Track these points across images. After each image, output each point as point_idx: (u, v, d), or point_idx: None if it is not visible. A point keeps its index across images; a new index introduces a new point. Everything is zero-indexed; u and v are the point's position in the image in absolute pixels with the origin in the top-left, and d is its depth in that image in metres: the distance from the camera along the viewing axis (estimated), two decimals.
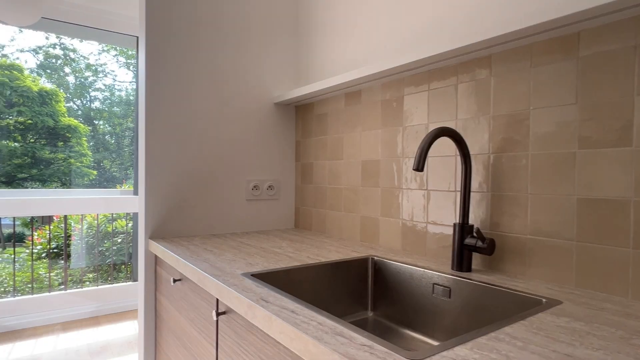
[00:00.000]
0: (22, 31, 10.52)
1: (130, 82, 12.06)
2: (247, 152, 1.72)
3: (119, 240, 4.26)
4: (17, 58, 9.75)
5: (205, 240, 1.48)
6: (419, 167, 0.93)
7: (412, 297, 1.09)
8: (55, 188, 9.34)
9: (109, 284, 3.37)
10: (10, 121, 8.51)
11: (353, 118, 1.53)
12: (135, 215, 3.40)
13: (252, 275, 0.99)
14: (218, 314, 0.95)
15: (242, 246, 1.37)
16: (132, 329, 2.89)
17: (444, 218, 1.19)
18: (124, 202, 3.23)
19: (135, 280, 3.42)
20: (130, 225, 4.08)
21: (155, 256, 1.50)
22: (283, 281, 1.04)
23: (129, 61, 11.92)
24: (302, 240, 1.51)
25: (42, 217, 5.07)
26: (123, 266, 4.32)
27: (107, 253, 4.20)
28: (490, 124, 1.07)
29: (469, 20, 1.14)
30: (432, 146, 1.22)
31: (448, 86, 1.18)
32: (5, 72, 7.86)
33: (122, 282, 3.54)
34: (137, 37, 3.26)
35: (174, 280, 1.24)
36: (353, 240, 1.52)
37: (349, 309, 1.17)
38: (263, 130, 1.76)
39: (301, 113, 1.82)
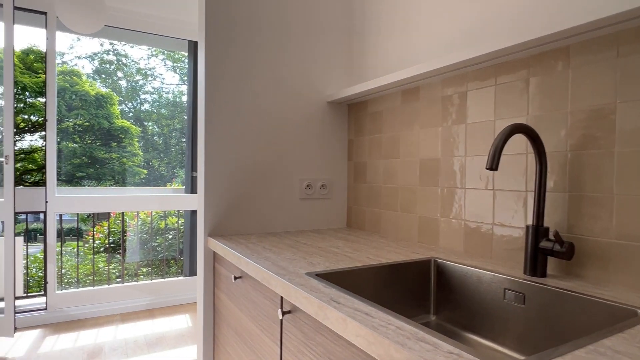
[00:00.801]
0: (79, 39, 11.23)
1: (177, 84, 12.56)
2: (301, 151, 1.72)
3: (170, 237, 4.44)
4: (75, 65, 10.42)
5: (262, 238, 1.50)
6: (493, 165, 0.88)
7: (480, 302, 1.04)
8: (109, 186, 9.91)
9: (162, 278, 3.52)
10: (70, 123, 9.11)
11: (410, 115, 1.49)
12: (187, 212, 3.53)
13: (316, 275, 0.98)
14: (284, 313, 0.95)
15: (299, 245, 1.37)
16: (184, 322, 3.00)
17: (512, 219, 1.13)
18: (177, 200, 3.36)
19: (187, 275, 3.55)
20: (180, 222, 4.24)
21: (214, 253, 1.54)
22: (346, 281, 1.03)
23: (175, 64, 12.41)
24: (357, 240, 1.49)
25: (99, 213, 5.39)
26: (173, 261, 4.51)
27: (158, 248, 4.39)
28: (568, 120, 1.00)
29: (538, 10, 1.07)
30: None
31: (518, 80, 1.12)
32: (66, 77, 8.42)
33: (174, 276, 3.69)
34: (188, 41, 3.37)
35: (235, 278, 1.26)
36: (410, 241, 1.48)
37: (410, 312, 1.14)
38: (316, 129, 1.76)
39: (354, 111, 1.80)
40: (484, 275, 1.04)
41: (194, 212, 3.50)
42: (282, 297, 1.00)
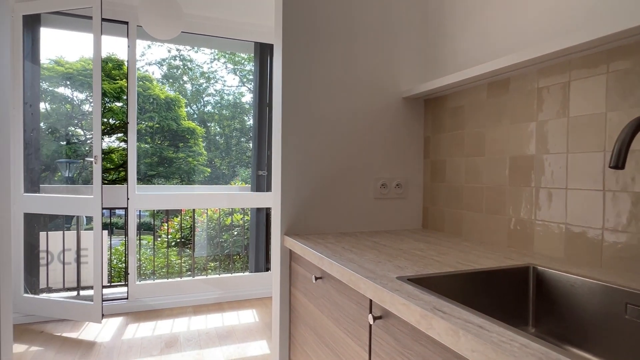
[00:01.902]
0: (150, 47, 12.01)
1: (237, 86, 13.02)
2: (375, 149, 1.67)
3: (235, 233, 4.60)
4: (146, 70, 11.18)
5: (339, 238, 1.48)
6: (619, 163, 0.78)
7: (594, 316, 0.93)
8: (176, 184, 10.52)
9: (227, 273, 3.64)
10: (142, 126, 9.79)
11: (498, 110, 1.38)
12: (252, 210, 3.62)
13: (408, 279, 0.93)
14: (374, 318, 0.91)
15: (379, 247, 1.32)
16: (251, 317, 3.07)
17: (630, 225, 1.00)
18: (244, 197, 3.46)
19: (252, 271, 3.64)
20: (245, 219, 4.37)
21: (290, 252, 1.54)
22: (440, 288, 0.97)
23: (235, 67, 12.86)
24: (439, 242, 1.41)
25: (171, 209, 5.73)
26: (237, 257, 4.67)
27: (224, 244, 4.56)
28: None
29: None
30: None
31: (638, 66, 0.98)
32: (140, 82, 9.07)
33: (239, 272, 3.81)
34: (254, 42, 3.45)
35: (316, 278, 1.24)
36: (498, 245, 1.38)
37: (507, 323, 1.05)
38: (391, 127, 1.70)
39: (431, 107, 1.72)
40: (597, 287, 0.93)
41: (259, 210, 3.58)
42: (371, 301, 0.96)
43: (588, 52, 1.08)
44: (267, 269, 3.64)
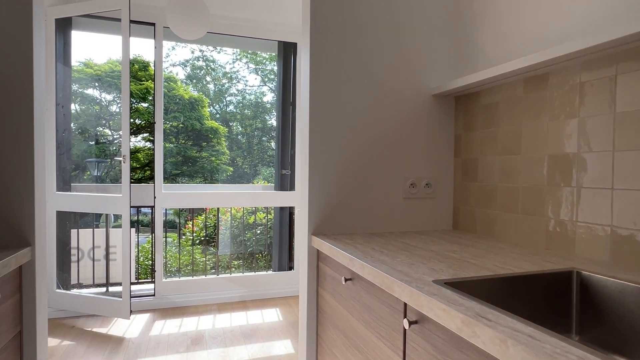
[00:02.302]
0: (174, 48, 12.23)
1: (258, 86, 13.11)
2: (404, 147, 1.63)
3: (258, 232, 4.62)
4: (170, 71, 11.39)
5: (367, 239, 1.45)
6: None
7: None
8: (199, 183, 10.68)
9: (251, 271, 3.66)
10: (167, 125, 9.99)
11: (536, 106, 1.32)
12: (276, 209, 3.63)
13: (445, 283, 0.90)
14: (410, 323, 0.88)
15: (410, 248, 1.29)
16: (275, 315, 3.08)
17: None
18: (267, 196, 3.47)
19: (275, 270, 3.65)
20: (268, 218, 4.39)
21: (317, 252, 1.52)
22: (479, 292, 0.93)
23: (257, 67, 12.95)
24: (472, 244, 1.36)
25: (195, 208, 5.82)
26: (260, 255, 4.70)
27: (248, 243, 4.59)
28: None
29: None
30: None
31: None
32: (165, 83, 9.24)
33: (262, 270, 3.83)
34: (278, 41, 3.44)
35: (345, 280, 1.22)
36: (535, 247, 1.32)
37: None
38: (420, 125, 1.65)
39: (462, 104, 1.66)
40: None
41: (282, 209, 3.58)
42: (405, 305, 0.93)
43: (638, 43, 1.01)
44: (291, 268, 3.64)
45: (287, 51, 3.46)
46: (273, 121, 12.65)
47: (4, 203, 1.22)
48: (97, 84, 8.33)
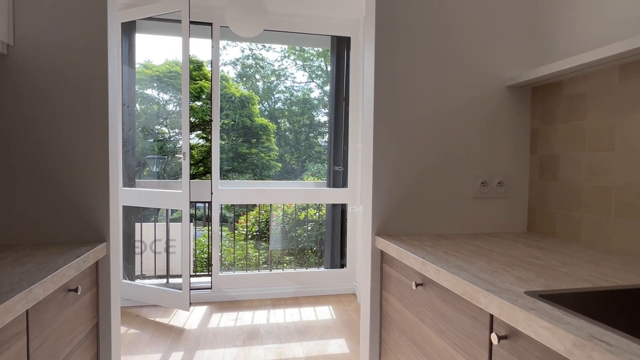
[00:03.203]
0: (225, 47, 12.59)
1: (306, 82, 13.18)
2: (475, 144, 1.52)
3: (309, 228, 4.63)
4: (222, 70, 11.73)
5: (435, 241, 1.36)
6: None
7: None
8: (248, 179, 10.95)
9: (301, 267, 3.67)
10: (219, 123, 10.29)
11: (634, 96, 1.17)
12: (328, 205, 3.60)
13: (540, 295, 0.80)
14: (499, 338, 0.80)
15: (485, 252, 1.19)
16: (327, 313, 3.05)
17: None
18: (320, 193, 3.44)
19: (327, 267, 3.63)
20: (318, 214, 4.38)
21: (382, 253, 1.46)
22: (580, 307, 0.82)
23: (305, 63, 13.02)
24: (555, 249, 1.24)
25: (248, 204, 5.95)
26: (310, 251, 4.71)
27: (299, 239, 4.61)
28: None
29: None
30: None
31: None
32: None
33: (313, 267, 3.82)
34: (331, 36, 3.39)
35: (416, 285, 1.15)
36: (632, 254, 1.17)
37: None
38: (492, 119, 1.54)
39: (540, 95, 1.52)
40: None
41: (334, 206, 3.55)
42: (492, 317, 0.85)
43: None
44: (342, 266, 3.60)
45: (340, 46, 3.40)
46: (320, 117, 12.66)
47: (81, 200, 1.27)
48: (155, 85, 8.76)
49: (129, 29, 3.07)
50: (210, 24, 3.11)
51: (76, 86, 1.26)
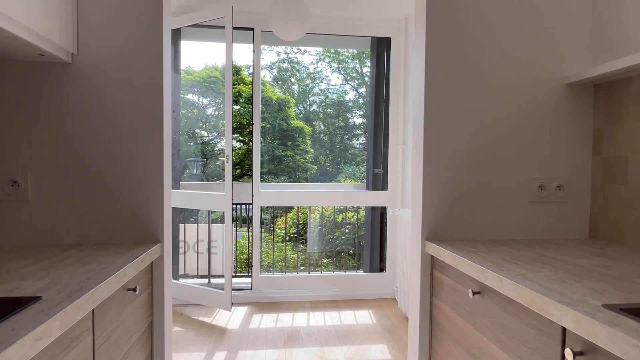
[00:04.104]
0: (262, 52, 12.79)
1: (340, 84, 13.17)
2: (531, 144, 1.45)
3: (347, 231, 4.60)
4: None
5: (491, 247, 1.30)
6: None
7: None
8: (283, 181, 11.05)
9: (340, 270, 3.64)
10: None
11: None
12: (367, 208, 3.56)
13: (621, 309, 0.74)
14: (575, 354, 0.74)
15: (548, 260, 1.12)
16: (367, 318, 3.01)
17: None
18: (360, 196, 3.41)
19: (366, 271, 3.58)
20: (356, 217, 4.34)
21: (432, 258, 1.41)
22: None
23: (340, 65, 13.02)
24: (627, 258, 1.15)
25: (286, 206, 6.01)
26: (346, 254, 4.67)
27: (336, 241, 4.59)
28: None
29: None
30: None
31: None
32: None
33: (351, 270, 3.79)
34: (371, 37, 3.36)
35: (473, 293, 1.10)
36: None
37: None
38: (550, 118, 1.45)
39: (604, 93, 1.42)
40: None
41: (374, 209, 3.50)
42: (564, 331, 0.79)
43: None
44: (381, 270, 3.55)
45: (380, 46, 3.36)
46: (355, 119, 12.59)
47: (138, 203, 1.32)
48: (195, 90, 9.05)
49: (175, 36, 3.18)
50: (252, 29, 3.17)
51: (134, 92, 1.31)
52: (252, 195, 3.26)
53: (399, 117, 3.25)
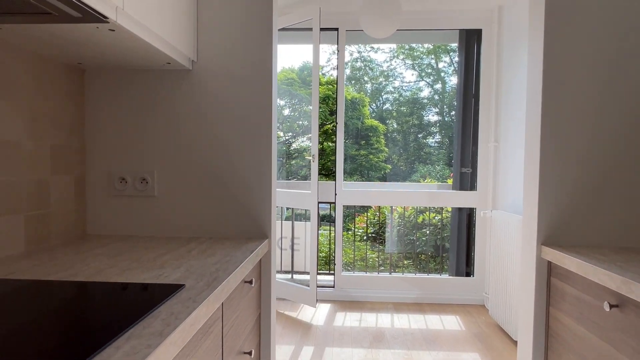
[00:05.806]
0: (334, 52, 12.91)
1: (415, 81, 12.81)
2: None
3: (427, 232, 4.46)
4: (331, 75, 12.06)
5: (624, 255, 1.16)
6: None
7: None
8: (356, 180, 11.03)
9: (421, 272, 3.53)
10: (330, 126, 10.61)
11: None
12: (454, 209, 3.41)
13: None
14: None
15: None
16: (455, 324, 2.88)
17: None
18: (446, 196, 3.28)
19: (452, 274, 3.44)
20: (438, 217, 4.18)
21: (549, 265, 1.30)
22: None
23: (414, 62, 12.68)
24: None
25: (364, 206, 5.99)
26: (426, 256, 4.52)
27: (417, 243, 4.47)
28: None
29: None
30: None
31: None
32: (329, 86, 9.83)
33: (433, 273, 3.66)
34: (459, 30, 3.21)
35: (610, 306, 0.99)
36: None
37: None
38: None
39: None
40: None
41: (460, 210, 3.34)
42: None
43: None
44: (468, 274, 3.38)
45: (469, 39, 3.19)
46: (430, 117, 12.17)
47: (251, 201, 1.39)
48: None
49: None
50: (336, 29, 3.19)
51: (246, 96, 1.38)
52: (335, 194, 3.29)
53: (491, 113, 3.06)
